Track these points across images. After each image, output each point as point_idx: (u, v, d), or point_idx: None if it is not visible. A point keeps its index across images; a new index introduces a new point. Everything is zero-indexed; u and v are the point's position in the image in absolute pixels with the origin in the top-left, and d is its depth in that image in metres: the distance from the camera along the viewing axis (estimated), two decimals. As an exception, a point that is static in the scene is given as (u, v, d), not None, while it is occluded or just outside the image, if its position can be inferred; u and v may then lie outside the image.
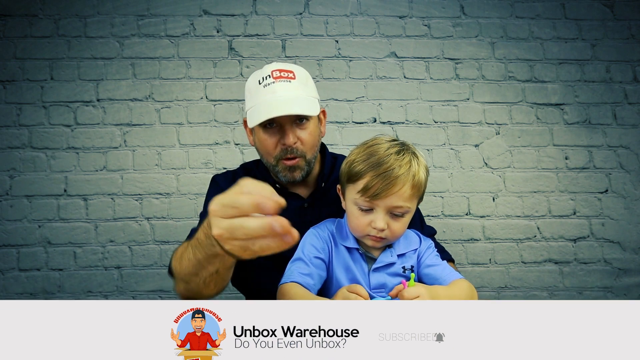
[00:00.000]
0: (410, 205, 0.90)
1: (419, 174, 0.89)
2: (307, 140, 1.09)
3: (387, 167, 0.86)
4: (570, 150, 2.10)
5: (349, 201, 0.93)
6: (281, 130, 1.07)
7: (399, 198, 0.87)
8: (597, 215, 2.07)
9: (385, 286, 0.91)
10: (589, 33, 2.14)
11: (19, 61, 2.01)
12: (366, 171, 0.88)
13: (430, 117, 2.09)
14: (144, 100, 2.03)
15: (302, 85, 1.10)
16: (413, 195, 0.89)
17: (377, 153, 0.89)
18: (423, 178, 0.91)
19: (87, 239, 1.96)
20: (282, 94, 1.05)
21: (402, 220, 0.91)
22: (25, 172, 1.97)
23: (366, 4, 2.12)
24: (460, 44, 2.12)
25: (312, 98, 1.11)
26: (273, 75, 1.07)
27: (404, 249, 0.97)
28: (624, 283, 2.05)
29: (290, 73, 1.09)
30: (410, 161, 0.89)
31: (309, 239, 0.98)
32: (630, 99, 2.13)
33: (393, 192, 0.86)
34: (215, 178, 1.24)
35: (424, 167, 0.92)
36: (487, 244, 2.05)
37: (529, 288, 2.04)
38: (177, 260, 0.91)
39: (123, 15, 2.05)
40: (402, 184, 0.86)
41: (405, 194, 0.87)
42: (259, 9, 2.09)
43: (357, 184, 0.89)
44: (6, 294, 1.93)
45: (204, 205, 1.20)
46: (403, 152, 0.90)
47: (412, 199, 0.90)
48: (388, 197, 0.86)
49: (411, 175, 0.87)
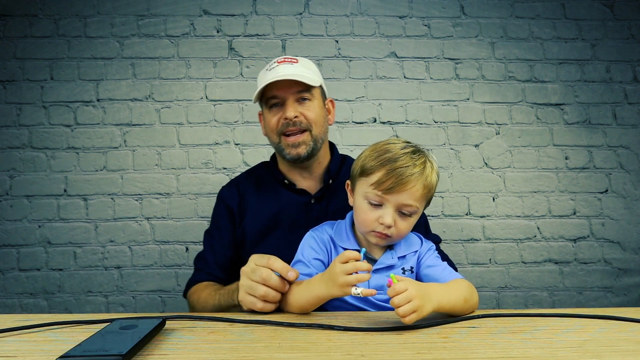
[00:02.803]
0: (419, 206, 0.91)
1: (431, 176, 0.91)
2: (310, 116, 1.14)
3: (403, 163, 0.88)
4: (570, 150, 2.10)
5: (358, 195, 0.93)
6: (284, 107, 1.13)
7: (410, 196, 0.88)
8: (597, 215, 2.07)
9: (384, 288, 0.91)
10: (589, 33, 2.14)
11: (19, 61, 2.01)
12: (382, 165, 0.89)
13: (430, 117, 2.09)
14: (144, 100, 2.03)
15: (304, 68, 1.16)
16: (423, 196, 0.90)
17: (393, 150, 0.91)
18: (435, 181, 0.93)
19: (87, 239, 1.96)
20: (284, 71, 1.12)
21: (409, 220, 0.91)
22: (25, 172, 1.97)
23: (366, 4, 2.12)
24: (460, 44, 2.12)
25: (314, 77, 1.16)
26: (278, 61, 1.16)
27: (404, 250, 0.97)
28: (624, 283, 2.05)
29: (294, 59, 1.17)
30: (424, 162, 0.91)
31: (307, 241, 0.99)
32: (630, 99, 2.13)
33: (406, 189, 0.87)
34: (220, 193, 1.29)
35: (436, 171, 0.94)
36: (487, 244, 2.05)
37: (529, 288, 2.04)
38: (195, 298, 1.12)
39: (123, 15, 2.05)
40: (415, 182, 0.87)
41: (417, 192, 0.88)
42: (259, 9, 2.09)
43: (371, 177, 0.89)
44: (6, 294, 1.93)
45: (211, 222, 1.28)
46: (418, 153, 0.92)
47: (422, 200, 0.91)
48: (400, 194, 0.87)
49: (425, 176, 0.89)
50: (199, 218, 1.98)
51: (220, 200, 1.26)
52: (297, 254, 0.98)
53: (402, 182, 0.86)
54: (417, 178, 0.88)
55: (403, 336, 0.68)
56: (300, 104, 1.13)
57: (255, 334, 0.70)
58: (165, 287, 1.96)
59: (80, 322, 0.76)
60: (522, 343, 0.65)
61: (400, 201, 0.88)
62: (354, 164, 0.98)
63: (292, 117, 1.11)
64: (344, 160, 1.29)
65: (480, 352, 0.61)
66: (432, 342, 0.65)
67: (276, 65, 1.14)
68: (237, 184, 1.27)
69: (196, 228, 1.97)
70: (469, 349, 0.62)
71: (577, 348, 0.62)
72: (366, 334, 0.69)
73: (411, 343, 0.65)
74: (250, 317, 0.79)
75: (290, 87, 1.11)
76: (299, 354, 0.60)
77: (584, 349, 0.62)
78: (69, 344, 0.61)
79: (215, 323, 0.77)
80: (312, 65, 1.21)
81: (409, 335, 0.69)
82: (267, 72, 1.15)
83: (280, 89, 1.11)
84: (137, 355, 0.59)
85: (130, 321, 0.69)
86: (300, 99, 1.13)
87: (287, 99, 1.12)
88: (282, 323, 0.75)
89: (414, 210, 0.90)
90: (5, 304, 1.92)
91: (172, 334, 0.69)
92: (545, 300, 2.04)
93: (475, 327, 0.74)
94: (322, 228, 1.03)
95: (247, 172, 1.33)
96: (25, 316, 0.79)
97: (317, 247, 0.97)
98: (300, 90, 1.12)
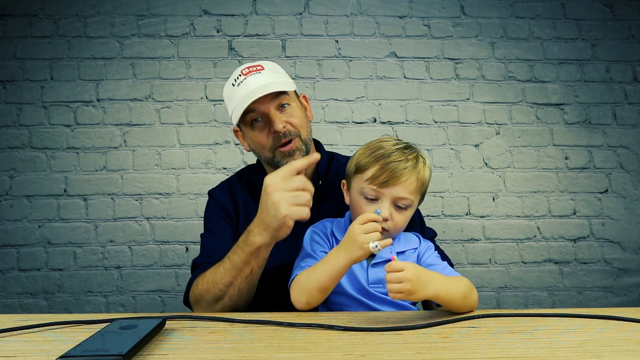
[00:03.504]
0: (414, 199, 0.94)
1: (424, 170, 0.95)
2: (295, 122, 1.10)
3: (396, 158, 0.92)
4: (570, 150, 2.10)
5: (354, 191, 0.96)
6: (267, 121, 1.08)
7: (405, 189, 0.91)
8: (597, 215, 2.07)
9: (383, 282, 0.92)
10: (589, 33, 2.14)
11: (19, 61, 2.01)
12: (376, 160, 0.92)
13: (430, 117, 2.09)
14: (144, 100, 2.03)
15: (272, 72, 1.12)
16: (417, 189, 0.93)
17: (386, 147, 0.95)
18: (427, 175, 0.96)
19: (87, 239, 1.96)
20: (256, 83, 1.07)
21: (405, 213, 0.94)
22: (25, 172, 1.97)
23: (366, 4, 2.12)
24: (460, 44, 2.12)
25: (286, 80, 1.12)
26: (243, 73, 1.10)
27: (403, 246, 0.99)
28: (624, 283, 2.05)
29: (259, 66, 1.12)
30: (417, 157, 0.95)
31: (310, 237, 1.01)
32: (630, 99, 2.13)
33: (400, 182, 0.90)
34: (212, 193, 1.25)
35: (428, 166, 0.97)
36: (487, 244, 2.05)
37: (529, 288, 2.04)
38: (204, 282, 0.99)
39: (123, 15, 2.05)
40: (408, 175, 0.91)
41: (411, 185, 0.91)
42: (259, 9, 2.09)
43: (365, 173, 0.92)
44: (6, 294, 1.93)
45: (205, 224, 1.20)
46: (410, 149, 0.96)
47: (416, 193, 0.94)
48: (394, 187, 0.90)
49: (417, 170, 0.93)
50: (199, 218, 1.98)
51: (214, 200, 1.21)
52: (303, 250, 0.99)
53: (396, 175, 0.90)
54: (410, 171, 0.91)
55: (403, 336, 0.68)
56: (281, 111, 1.09)
57: (255, 334, 0.70)
58: (165, 287, 1.96)
59: (80, 322, 0.76)
60: (522, 343, 0.65)
61: (396, 194, 0.91)
62: (349, 163, 1.00)
63: (281, 130, 1.06)
64: (332, 158, 1.26)
65: (480, 352, 0.61)
66: (432, 342, 0.65)
67: (243, 79, 1.09)
68: (229, 185, 1.24)
69: (196, 228, 1.97)
70: (469, 349, 0.62)
71: (577, 348, 0.62)
72: (366, 334, 0.69)
73: (411, 343, 0.65)
74: (250, 317, 0.79)
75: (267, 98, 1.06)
76: (299, 354, 0.60)
77: (584, 349, 0.62)
78: (69, 344, 0.61)
79: (215, 323, 0.77)
80: (277, 67, 1.17)
81: (409, 335, 0.69)
82: (236, 87, 1.09)
83: (259, 102, 1.05)
84: (137, 355, 0.59)
85: (130, 321, 0.69)
86: (279, 107, 1.08)
87: (269, 112, 1.07)
88: (282, 323, 0.75)
89: (409, 204, 0.93)
90: (5, 304, 1.92)
91: (172, 334, 0.69)
92: (545, 300, 2.04)
93: (475, 327, 0.74)
94: (322, 223, 1.05)
95: (237, 175, 1.30)
96: (25, 316, 0.79)
97: (321, 240, 0.99)
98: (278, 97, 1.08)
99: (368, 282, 0.93)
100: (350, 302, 0.93)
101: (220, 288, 0.95)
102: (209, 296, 0.97)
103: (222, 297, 0.96)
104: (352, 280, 0.93)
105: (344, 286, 0.92)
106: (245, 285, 0.95)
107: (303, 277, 0.88)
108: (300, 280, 0.88)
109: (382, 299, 0.93)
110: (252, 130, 1.10)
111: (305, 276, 0.87)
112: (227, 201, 1.19)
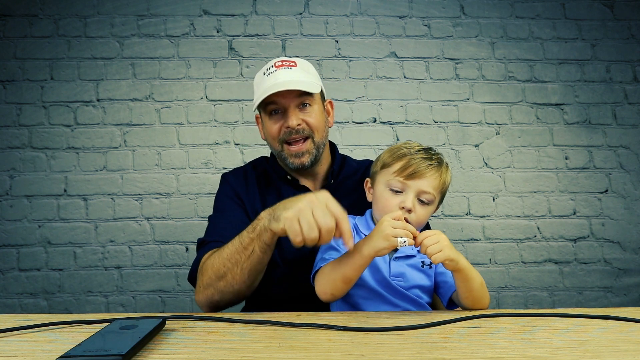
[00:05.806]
0: (436, 196, 0.98)
1: (446, 172, 1.01)
2: (312, 122, 1.13)
3: (421, 156, 0.98)
4: (570, 150, 2.10)
5: (380, 184, 1.00)
6: (285, 115, 1.12)
7: (429, 184, 0.96)
8: (597, 215, 2.07)
9: (404, 275, 0.97)
10: (589, 33, 2.14)
11: (19, 61, 2.01)
12: (404, 155, 0.98)
13: (430, 117, 2.09)
14: (144, 100, 2.03)
15: (303, 71, 1.15)
16: (439, 187, 0.98)
17: (411, 148, 1.01)
18: (449, 178, 1.02)
19: (87, 239, 1.96)
20: (283, 78, 1.10)
21: (427, 208, 0.98)
22: (25, 172, 1.97)
23: (366, 4, 2.12)
24: (460, 44, 2.12)
25: (314, 82, 1.15)
26: (275, 65, 1.14)
27: None
28: (624, 283, 2.05)
29: (292, 62, 1.15)
30: (440, 159, 1.01)
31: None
32: (630, 99, 2.13)
33: (425, 176, 0.96)
34: (225, 176, 1.26)
35: (449, 171, 1.03)
36: (487, 244, 2.05)
37: (529, 288, 2.04)
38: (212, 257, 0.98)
39: (123, 15, 2.05)
40: (433, 172, 0.97)
41: (435, 181, 0.97)
42: (259, 9, 2.09)
43: (393, 167, 0.98)
44: (6, 294, 1.93)
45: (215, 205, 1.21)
46: (433, 151, 1.02)
47: (438, 190, 0.98)
48: (420, 180, 0.95)
49: (441, 169, 0.99)
50: (199, 218, 1.98)
51: (227, 183, 1.22)
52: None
53: (421, 169, 0.95)
54: (435, 168, 0.97)
55: (403, 336, 0.68)
56: (301, 110, 1.12)
57: (255, 334, 0.70)
58: (165, 287, 1.96)
59: (80, 322, 0.76)
60: (522, 343, 0.65)
61: (420, 188, 0.95)
62: (374, 164, 1.05)
63: (295, 126, 1.10)
64: (344, 161, 1.29)
65: (480, 352, 0.61)
66: (432, 342, 0.65)
67: (274, 70, 1.12)
68: (244, 172, 1.25)
69: (196, 228, 1.97)
70: (469, 349, 0.62)
71: (577, 348, 0.62)
72: (366, 334, 0.69)
73: (411, 343, 0.65)
74: (250, 317, 0.79)
75: (291, 93, 1.09)
76: (299, 354, 0.60)
77: (584, 349, 0.62)
78: (69, 344, 0.61)
79: (215, 323, 0.77)
80: (310, 67, 1.20)
81: (409, 335, 0.69)
82: (265, 77, 1.13)
83: (281, 96, 1.09)
84: (137, 355, 0.59)
85: (130, 321, 0.69)
86: (301, 105, 1.12)
87: (288, 107, 1.10)
88: (282, 323, 0.75)
89: (432, 199, 0.97)
90: (5, 304, 1.92)
91: (172, 334, 0.69)
92: (545, 300, 2.04)
93: (475, 327, 0.74)
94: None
95: (252, 164, 1.31)
96: (25, 316, 0.79)
97: None
98: (301, 96, 1.11)
99: (390, 275, 0.96)
100: (371, 295, 0.96)
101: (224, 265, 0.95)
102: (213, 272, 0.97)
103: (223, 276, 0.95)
104: (374, 272, 0.96)
105: (366, 278, 0.95)
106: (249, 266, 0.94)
107: (327, 268, 0.91)
108: (325, 271, 0.91)
109: (402, 293, 0.96)
110: (269, 119, 1.15)
111: (330, 268, 0.90)
112: (241, 186, 1.21)
